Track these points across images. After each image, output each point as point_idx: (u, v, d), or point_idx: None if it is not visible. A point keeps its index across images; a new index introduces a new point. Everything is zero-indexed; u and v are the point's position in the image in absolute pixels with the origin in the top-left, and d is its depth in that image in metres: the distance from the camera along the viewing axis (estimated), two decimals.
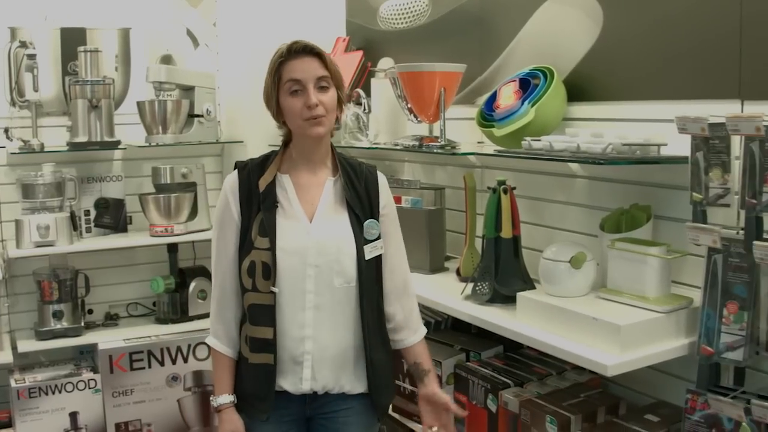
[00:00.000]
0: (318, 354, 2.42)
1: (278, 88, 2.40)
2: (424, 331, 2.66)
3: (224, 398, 2.49)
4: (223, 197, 2.50)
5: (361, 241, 2.44)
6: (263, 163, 2.51)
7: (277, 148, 2.56)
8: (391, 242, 2.54)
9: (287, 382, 2.43)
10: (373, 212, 2.50)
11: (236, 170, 2.51)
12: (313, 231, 2.42)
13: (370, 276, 2.47)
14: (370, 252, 2.46)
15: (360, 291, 2.44)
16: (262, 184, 2.45)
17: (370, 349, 2.47)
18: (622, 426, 2.45)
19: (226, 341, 2.51)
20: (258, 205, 2.43)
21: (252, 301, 2.41)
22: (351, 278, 2.43)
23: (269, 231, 2.39)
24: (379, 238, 2.48)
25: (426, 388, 2.55)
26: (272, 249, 2.37)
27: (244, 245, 2.43)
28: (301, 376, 2.42)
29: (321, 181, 2.49)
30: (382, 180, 2.58)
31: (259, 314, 2.40)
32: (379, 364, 2.51)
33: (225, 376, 2.52)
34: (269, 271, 2.38)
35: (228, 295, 2.50)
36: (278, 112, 2.45)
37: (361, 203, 2.48)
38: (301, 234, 2.41)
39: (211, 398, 2.54)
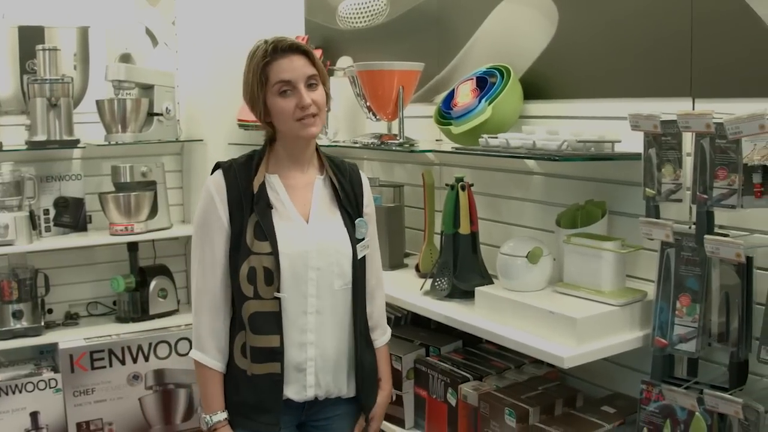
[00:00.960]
0: (320, 360, 2.35)
1: (266, 90, 2.28)
2: (390, 332, 2.66)
3: (219, 415, 2.34)
4: (207, 200, 2.34)
5: (354, 240, 2.39)
6: (248, 163, 2.38)
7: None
8: (371, 241, 2.50)
9: (291, 390, 2.33)
10: (359, 211, 2.45)
11: (220, 171, 2.37)
12: (311, 233, 2.33)
13: (361, 276, 2.42)
14: (360, 251, 2.41)
15: (354, 292, 2.39)
16: (256, 184, 2.33)
17: (360, 351, 2.42)
18: (579, 417, 2.49)
19: (216, 354, 2.35)
20: (250, 207, 2.31)
21: (254, 309, 2.28)
22: (349, 280, 2.37)
23: (269, 234, 2.28)
24: (365, 236, 2.44)
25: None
26: (275, 253, 2.26)
27: (239, 251, 2.30)
28: (305, 384, 2.34)
29: (310, 181, 2.41)
30: (365, 178, 2.53)
31: (262, 322, 2.28)
32: (367, 365, 2.47)
33: (216, 392, 2.36)
34: (272, 277, 2.27)
35: (218, 304, 2.35)
36: (265, 113, 2.32)
37: (350, 202, 2.43)
38: (300, 236, 2.32)
39: (203, 416, 2.37)
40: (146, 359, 4.04)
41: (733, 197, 2.06)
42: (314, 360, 2.34)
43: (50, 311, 4.24)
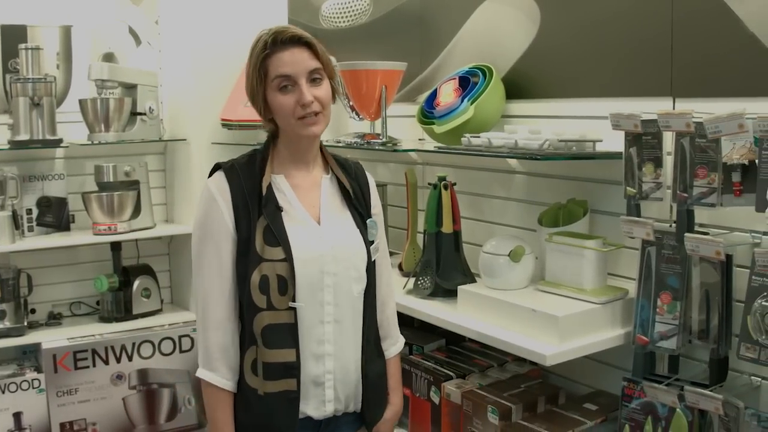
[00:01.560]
0: (340, 372, 2.18)
1: (265, 84, 2.12)
2: (403, 341, 2.52)
3: None
4: (208, 204, 2.16)
5: (367, 241, 2.24)
6: (250, 163, 2.21)
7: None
8: (380, 243, 2.34)
9: (310, 407, 2.16)
10: (369, 211, 2.31)
11: (221, 172, 2.19)
12: (325, 235, 2.17)
13: (373, 281, 2.26)
14: (373, 254, 2.26)
15: (365, 297, 2.24)
16: (264, 185, 2.15)
17: (368, 361, 2.25)
18: (561, 415, 2.51)
19: (226, 372, 2.16)
20: (258, 210, 2.13)
21: (268, 321, 2.10)
22: (365, 284, 2.23)
23: (281, 239, 2.11)
24: (376, 239, 2.30)
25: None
26: (289, 259, 2.09)
27: (248, 258, 2.11)
28: (324, 399, 2.17)
29: (317, 180, 2.25)
30: (371, 178, 2.40)
31: (276, 335, 2.10)
32: (373, 376, 2.29)
33: (227, 417, 2.16)
34: (286, 285, 2.09)
35: (226, 317, 2.15)
36: (266, 110, 2.16)
37: (359, 201, 2.28)
38: (314, 239, 2.15)
39: None
40: (130, 359, 4.02)
41: (713, 196, 2.09)
42: (333, 373, 2.17)
43: (33, 311, 4.21)
